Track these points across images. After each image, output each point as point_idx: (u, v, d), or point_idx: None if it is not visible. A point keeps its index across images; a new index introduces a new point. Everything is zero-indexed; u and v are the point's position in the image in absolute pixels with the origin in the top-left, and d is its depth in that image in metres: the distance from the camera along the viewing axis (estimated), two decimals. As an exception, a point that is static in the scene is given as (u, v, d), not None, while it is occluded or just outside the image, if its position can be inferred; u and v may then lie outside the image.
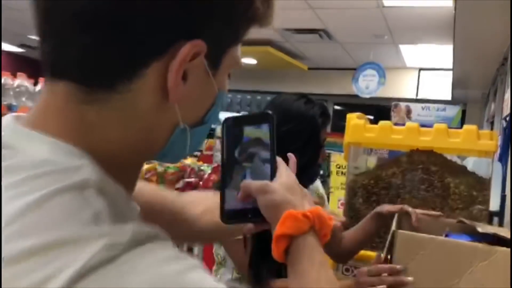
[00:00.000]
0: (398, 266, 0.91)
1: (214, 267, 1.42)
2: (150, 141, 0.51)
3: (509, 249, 0.81)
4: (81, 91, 0.45)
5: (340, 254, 1.49)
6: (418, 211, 1.27)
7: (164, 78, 0.46)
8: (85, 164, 0.43)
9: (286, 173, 0.68)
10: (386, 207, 1.36)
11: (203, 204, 0.85)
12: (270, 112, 0.69)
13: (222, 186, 0.69)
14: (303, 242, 0.62)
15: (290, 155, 0.97)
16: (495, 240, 0.96)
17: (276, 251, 0.63)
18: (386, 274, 0.90)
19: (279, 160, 0.70)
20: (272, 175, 0.67)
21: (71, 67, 0.45)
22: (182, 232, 0.82)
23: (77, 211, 0.39)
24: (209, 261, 2.58)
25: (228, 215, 0.68)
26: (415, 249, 0.84)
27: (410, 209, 1.27)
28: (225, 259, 1.38)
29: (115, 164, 0.47)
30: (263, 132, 0.69)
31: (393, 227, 1.00)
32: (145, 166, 3.03)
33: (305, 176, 1.36)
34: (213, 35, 0.48)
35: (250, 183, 0.66)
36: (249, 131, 0.70)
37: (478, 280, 0.79)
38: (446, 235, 1.16)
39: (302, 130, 1.33)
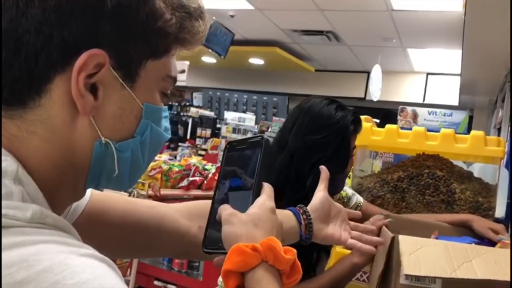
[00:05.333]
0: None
1: None
2: (73, 157, 0.51)
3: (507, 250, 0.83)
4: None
5: None
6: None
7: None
8: (7, 159, 0.45)
9: (261, 202, 0.64)
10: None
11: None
12: (264, 136, 0.66)
13: (210, 211, 0.65)
14: (252, 279, 0.56)
15: (322, 168, 0.90)
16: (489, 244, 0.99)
17: None
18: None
19: (265, 186, 0.65)
20: (253, 203, 0.64)
21: None
22: (171, 246, 0.77)
23: None
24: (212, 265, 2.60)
25: (207, 243, 0.64)
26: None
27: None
28: None
29: (39, 181, 0.47)
30: (254, 157, 0.66)
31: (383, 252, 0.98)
32: (150, 164, 3.03)
33: (332, 187, 1.29)
34: (116, 46, 0.49)
35: (223, 209, 0.63)
36: (242, 156, 0.68)
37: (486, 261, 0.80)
38: (436, 238, 1.17)
39: (332, 140, 1.22)
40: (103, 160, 0.52)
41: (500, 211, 1.74)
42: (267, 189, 0.66)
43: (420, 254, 0.81)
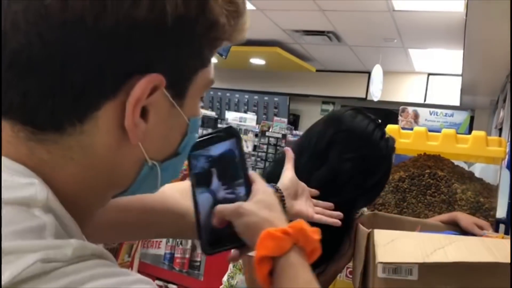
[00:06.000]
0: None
1: (229, 271, 1.29)
2: (113, 181, 0.47)
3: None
4: (27, 130, 0.43)
5: None
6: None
7: (122, 117, 0.43)
8: (34, 183, 0.41)
9: (262, 188, 0.64)
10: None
11: None
12: (233, 127, 0.65)
13: (196, 215, 0.64)
14: (286, 263, 0.57)
15: (287, 149, 0.93)
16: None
17: (259, 275, 0.57)
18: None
19: (253, 174, 0.65)
20: (248, 193, 0.63)
21: (15, 110, 0.43)
22: (172, 225, 0.76)
23: (19, 224, 0.37)
24: (213, 264, 2.58)
25: (208, 245, 0.63)
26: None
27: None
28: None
29: (72, 209, 0.44)
30: (230, 149, 0.65)
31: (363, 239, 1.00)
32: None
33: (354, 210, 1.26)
34: (172, 66, 0.45)
35: (223, 208, 0.62)
36: (215, 152, 0.65)
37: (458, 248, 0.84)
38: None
39: (378, 170, 1.17)
40: (146, 181, 0.49)
41: (501, 211, 1.75)
42: (257, 176, 0.67)
43: (394, 245, 0.85)
